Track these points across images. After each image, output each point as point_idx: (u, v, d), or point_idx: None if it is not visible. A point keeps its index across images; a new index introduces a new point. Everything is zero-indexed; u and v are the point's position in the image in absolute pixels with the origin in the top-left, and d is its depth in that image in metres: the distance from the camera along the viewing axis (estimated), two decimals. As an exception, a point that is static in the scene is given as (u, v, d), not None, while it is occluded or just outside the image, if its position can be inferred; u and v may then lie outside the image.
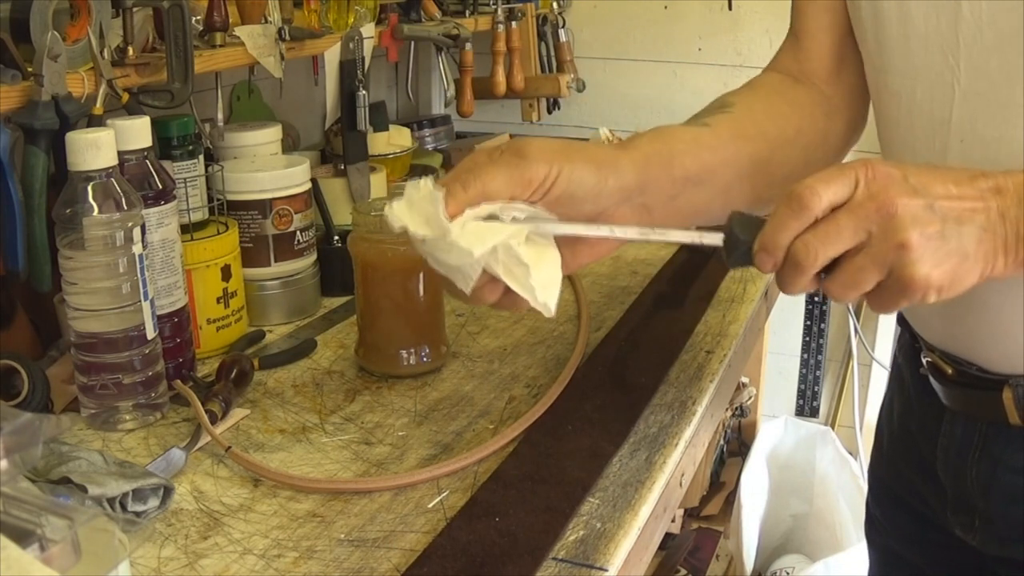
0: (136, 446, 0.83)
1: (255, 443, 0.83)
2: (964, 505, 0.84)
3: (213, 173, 1.05)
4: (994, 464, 0.80)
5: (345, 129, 1.27)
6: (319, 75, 1.30)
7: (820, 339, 2.03)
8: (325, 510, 0.73)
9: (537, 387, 0.93)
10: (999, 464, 0.80)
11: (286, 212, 1.08)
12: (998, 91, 0.70)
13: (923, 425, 0.88)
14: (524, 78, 1.79)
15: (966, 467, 0.82)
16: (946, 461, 0.84)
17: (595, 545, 0.67)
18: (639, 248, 1.36)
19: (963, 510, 0.84)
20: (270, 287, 1.09)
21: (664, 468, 0.77)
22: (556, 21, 1.88)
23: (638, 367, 0.94)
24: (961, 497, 0.84)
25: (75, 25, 0.89)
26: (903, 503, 0.95)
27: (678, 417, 0.85)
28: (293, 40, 1.16)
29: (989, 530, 0.83)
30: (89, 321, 0.83)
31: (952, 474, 0.84)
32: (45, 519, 0.48)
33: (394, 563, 0.66)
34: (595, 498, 0.73)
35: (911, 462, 0.92)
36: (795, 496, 1.98)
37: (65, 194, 0.81)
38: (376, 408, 0.90)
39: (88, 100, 0.88)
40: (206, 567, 0.66)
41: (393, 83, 1.92)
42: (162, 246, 0.90)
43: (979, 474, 0.81)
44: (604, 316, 1.09)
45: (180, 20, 0.94)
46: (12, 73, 0.83)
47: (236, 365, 0.91)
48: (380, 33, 1.39)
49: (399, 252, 0.93)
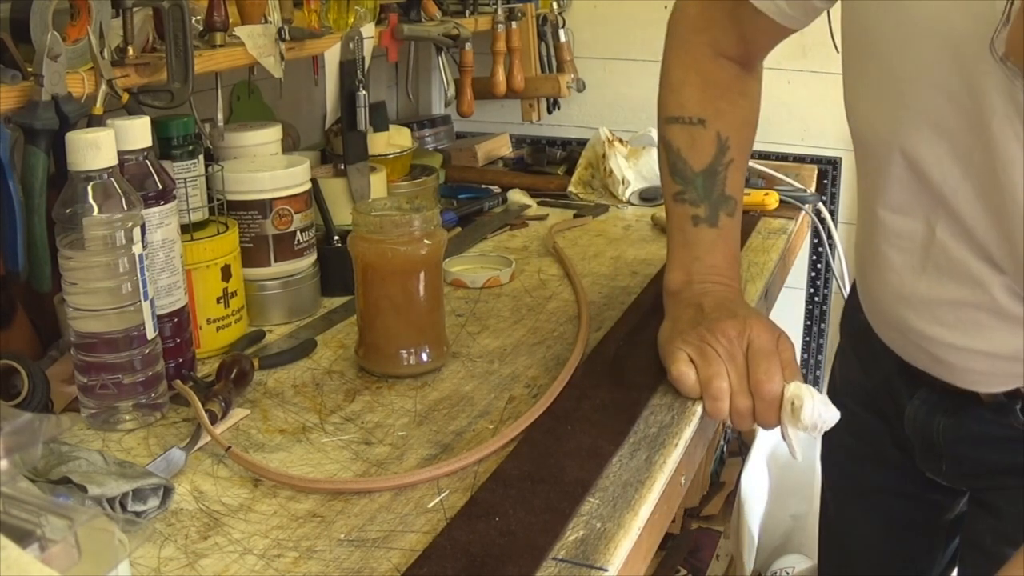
0: (136, 446, 0.83)
1: (255, 443, 0.83)
2: (931, 451, 0.94)
3: (213, 173, 1.05)
4: (960, 419, 0.89)
5: (345, 129, 1.27)
6: (319, 75, 1.30)
7: (820, 339, 2.03)
8: (325, 510, 0.73)
9: (537, 387, 0.93)
10: (966, 417, 0.89)
11: (286, 212, 1.08)
12: None
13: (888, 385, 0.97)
14: (524, 78, 1.79)
15: (933, 423, 0.92)
16: (914, 418, 0.94)
17: (595, 545, 0.67)
18: (639, 248, 1.36)
19: (930, 456, 0.95)
20: (270, 287, 1.09)
21: (664, 468, 0.77)
22: (556, 21, 1.88)
23: (638, 367, 0.94)
24: (928, 445, 0.94)
25: (75, 25, 0.89)
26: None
27: (678, 417, 0.85)
28: (293, 40, 1.16)
29: (956, 469, 0.93)
30: (89, 321, 0.83)
31: (919, 429, 0.94)
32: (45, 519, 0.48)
33: (394, 563, 0.66)
34: (595, 498, 0.73)
35: (869, 407, 1.02)
36: (795, 496, 1.97)
37: (65, 194, 0.81)
38: (376, 408, 0.90)
39: (88, 100, 0.88)
40: (206, 567, 0.66)
41: (393, 83, 1.92)
42: (162, 246, 0.90)
43: (946, 428, 0.91)
44: (604, 316, 1.09)
45: (180, 20, 0.94)
46: (12, 73, 0.83)
47: (236, 365, 0.91)
48: (380, 33, 1.39)
49: (399, 252, 0.93)
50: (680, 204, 0.95)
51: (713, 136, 0.94)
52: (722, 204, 0.94)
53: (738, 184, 0.96)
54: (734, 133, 0.95)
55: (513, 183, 1.66)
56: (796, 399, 0.79)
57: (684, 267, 0.95)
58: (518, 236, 1.44)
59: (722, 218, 0.94)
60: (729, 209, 0.95)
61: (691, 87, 0.96)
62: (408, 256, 0.93)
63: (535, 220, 1.51)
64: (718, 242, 0.94)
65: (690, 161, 0.95)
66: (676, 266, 0.96)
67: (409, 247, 0.93)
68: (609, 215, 1.54)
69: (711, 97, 0.95)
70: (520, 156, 1.87)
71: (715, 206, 0.94)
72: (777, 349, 0.83)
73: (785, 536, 1.99)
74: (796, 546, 1.98)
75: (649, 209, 1.54)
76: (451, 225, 1.44)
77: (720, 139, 0.94)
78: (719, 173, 0.94)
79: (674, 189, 0.96)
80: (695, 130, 0.95)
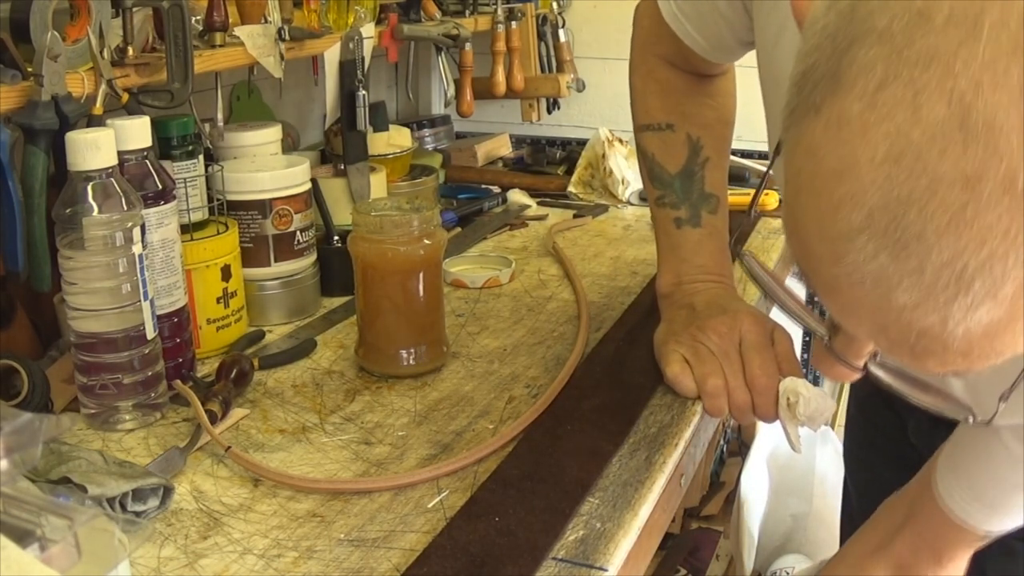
0: (136, 446, 0.83)
1: (255, 443, 0.83)
2: None
3: (213, 173, 1.05)
4: None
5: (345, 129, 1.27)
6: (319, 75, 1.30)
7: (820, 339, 2.03)
8: (325, 510, 0.73)
9: (537, 387, 0.93)
10: None
11: (286, 212, 1.08)
12: None
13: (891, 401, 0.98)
14: (524, 78, 1.79)
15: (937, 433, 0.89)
16: (917, 430, 0.95)
17: (595, 545, 0.67)
18: (639, 248, 1.36)
19: None
20: (270, 287, 1.09)
21: (664, 468, 0.77)
22: (556, 21, 1.88)
23: (638, 367, 0.94)
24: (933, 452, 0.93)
25: (75, 25, 0.89)
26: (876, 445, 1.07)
27: (678, 417, 0.85)
28: (293, 40, 1.16)
29: None
30: (89, 321, 0.83)
31: (924, 439, 0.93)
32: (45, 519, 0.48)
33: (394, 563, 0.66)
34: (595, 498, 0.73)
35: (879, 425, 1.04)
36: (795, 496, 1.97)
37: (65, 194, 0.81)
38: (376, 408, 0.90)
39: (88, 100, 0.88)
40: (206, 567, 0.66)
41: (393, 83, 1.92)
42: (162, 246, 0.90)
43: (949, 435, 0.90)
44: (604, 316, 1.09)
45: (180, 20, 0.94)
46: (12, 73, 0.83)
47: (236, 365, 0.91)
48: (380, 33, 1.39)
49: (399, 252, 0.93)
50: (662, 208, 0.97)
51: (683, 138, 0.96)
52: (703, 203, 0.95)
53: (718, 181, 0.97)
54: (705, 132, 0.96)
55: (513, 183, 1.66)
56: (791, 394, 0.80)
57: (673, 269, 0.96)
58: (518, 236, 1.44)
59: (704, 217, 0.95)
60: (711, 207, 0.95)
61: (652, 95, 0.98)
62: (408, 256, 0.93)
63: (535, 220, 1.51)
64: (704, 241, 0.95)
65: (666, 165, 0.96)
66: (665, 269, 0.97)
67: (409, 247, 0.93)
68: (609, 215, 1.54)
69: (673, 103, 0.97)
70: (520, 156, 1.87)
71: (695, 206, 0.95)
72: (772, 342, 0.83)
73: (785, 536, 1.99)
74: (796, 546, 1.98)
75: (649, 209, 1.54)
76: (451, 225, 1.44)
77: (691, 140, 0.95)
78: (696, 173, 0.95)
79: (655, 194, 0.97)
80: (665, 135, 0.96)
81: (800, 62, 0.45)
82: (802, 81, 0.44)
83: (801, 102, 0.44)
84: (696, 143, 0.96)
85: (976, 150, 0.38)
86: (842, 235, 0.42)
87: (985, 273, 0.39)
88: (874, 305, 0.43)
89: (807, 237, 0.45)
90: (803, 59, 0.45)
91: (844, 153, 0.41)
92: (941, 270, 0.40)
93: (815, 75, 0.43)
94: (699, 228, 0.95)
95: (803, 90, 0.44)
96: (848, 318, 0.47)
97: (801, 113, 0.44)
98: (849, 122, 0.41)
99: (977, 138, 0.38)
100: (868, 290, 0.43)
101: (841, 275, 0.43)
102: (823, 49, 0.43)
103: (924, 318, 0.42)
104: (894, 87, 0.40)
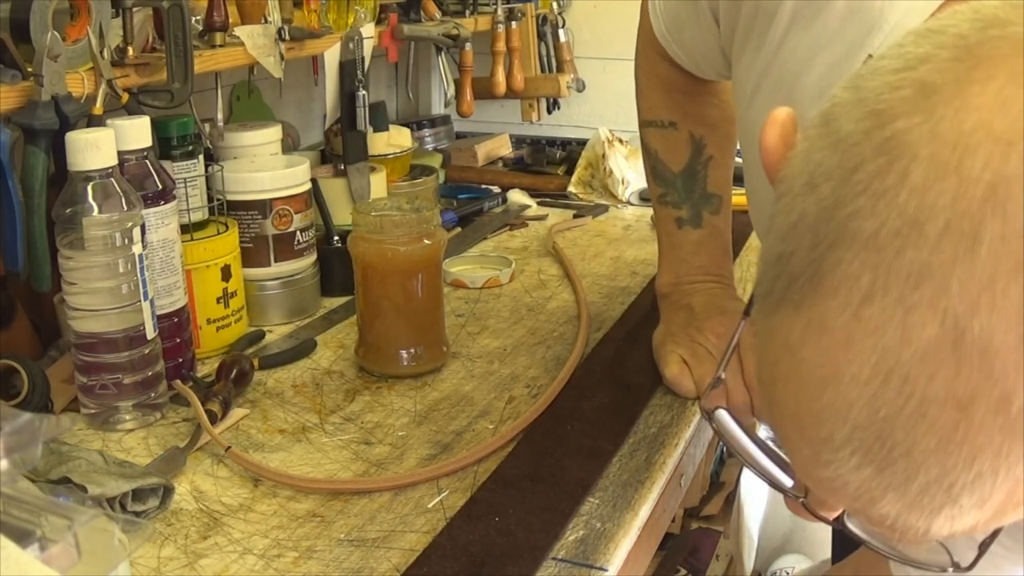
0: (136, 446, 0.83)
1: (255, 443, 0.83)
2: None
3: (213, 173, 1.05)
4: None
5: (345, 129, 1.27)
6: (319, 75, 1.30)
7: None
8: (325, 510, 0.73)
9: (537, 387, 0.93)
10: None
11: (286, 212, 1.08)
12: None
13: None
14: (524, 78, 1.79)
15: None
16: None
17: (595, 545, 0.67)
18: (639, 248, 1.36)
19: None
20: (270, 287, 1.09)
21: (664, 468, 0.77)
22: (556, 21, 1.88)
23: (638, 367, 0.94)
24: None
25: (75, 25, 0.89)
26: None
27: (678, 417, 0.85)
28: (293, 40, 1.16)
29: None
30: (89, 321, 0.83)
31: None
32: (45, 519, 0.48)
33: (394, 563, 0.66)
34: (595, 498, 0.73)
35: None
36: (795, 496, 1.97)
37: (65, 194, 0.81)
38: (376, 408, 0.90)
39: (88, 100, 0.88)
40: (206, 567, 0.66)
41: (393, 83, 1.92)
42: (162, 246, 0.90)
43: None
44: (604, 316, 1.09)
45: (180, 20, 0.94)
46: (12, 73, 0.83)
47: (236, 365, 0.91)
48: (380, 33, 1.39)
49: (399, 252, 0.93)
50: (664, 207, 0.97)
51: (686, 137, 0.95)
52: (705, 203, 0.95)
53: (722, 180, 0.96)
54: (708, 131, 0.95)
55: (513, 183, 1.66)
56: None
57: (672, 269, 0.96)
58: (518, 236, 1.44)
59: (706, 217, 0.95)
60: (713, 207, 0.95)
61: (655, 92, 0.97)
62: (408, 256, 0.93)
63: (535, 220, 1.51)
64: (704, 242, 0.95)
65: (669, 163, 0.96)
66: (665, 269, 0.97)
67: (409, 247, 0.93)
68: (609, 215, 1.54)
69: (675, 101, 0.96)
70: (520, 156, 1.87)
71: (697, 206, 0.95)
72: None
73: (785, 536, 1.99)
74: (796, 546, 1.98)
75: (649, 209, 1.53)
76: (451, 225, 1.44)
77: (694, 139, 0.95)
78: (699, 172, 0.95)
79: (658, 192, 0.97)
80: (668, 132, 0.96)
81: (776, 241, 0.41)
82: (779, 267, 0.40)
83: (778, 290, 0.40)
84: (699, 142, 0.95)
85: (970, 373, 0.35)
86: (824, 443, 0.40)
87: (975, 488, 0.37)
88: (857, 504, 0.41)
89: (786, 431, 0.42)
90: (779, 240, 0.41)
91: (826, 362, 0.38)
92: (928, 486, 0.38)
93: (793, 266, 0.39)
94: (700, 228, 0.95)
95: (780, 278, 0.40)
96: (827, 498, 0.46)
97: (777, 302, 0.40)
98: (832, 332, 0.38)
99: (971, 361, 0.35)
100: (851, 493, 0.40)
101: (823, 477, 0.41)
102: (801, 239, 0.39)
103: (907, 522, 0.40)
104: (882, 303, 0.36)
